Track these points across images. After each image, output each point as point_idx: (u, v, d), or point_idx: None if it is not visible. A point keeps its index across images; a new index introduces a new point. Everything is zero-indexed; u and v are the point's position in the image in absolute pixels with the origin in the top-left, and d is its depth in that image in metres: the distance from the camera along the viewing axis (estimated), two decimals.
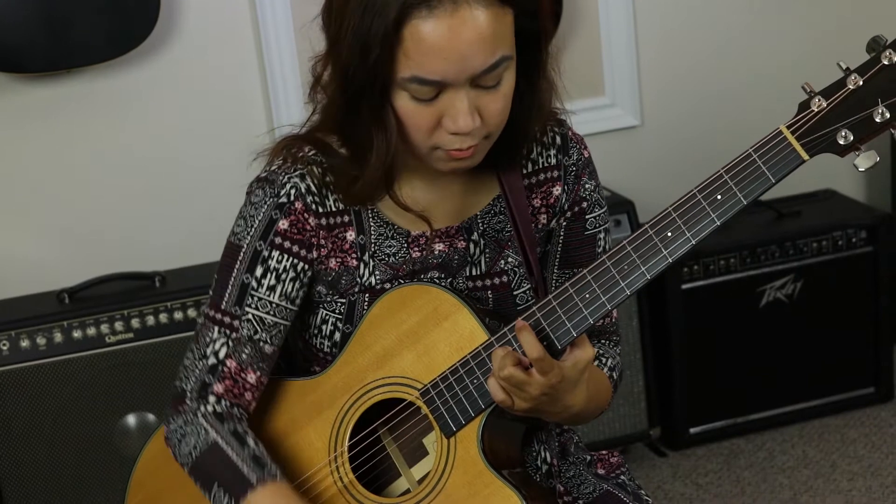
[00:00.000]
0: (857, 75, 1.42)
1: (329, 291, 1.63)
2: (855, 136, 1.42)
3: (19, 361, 2.68)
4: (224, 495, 1.57)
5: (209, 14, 2.96)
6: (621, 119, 3.29)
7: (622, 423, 3.07)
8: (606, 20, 3.21)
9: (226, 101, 3.02)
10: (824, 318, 3.15)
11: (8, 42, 2.70)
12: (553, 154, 1.67)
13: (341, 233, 1.61)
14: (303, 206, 1.59)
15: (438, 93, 1.47)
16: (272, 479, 1.56)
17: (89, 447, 2.74)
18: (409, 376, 1.58)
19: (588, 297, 1.50)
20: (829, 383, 3.21)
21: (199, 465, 1.59)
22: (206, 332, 1.61)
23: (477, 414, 1.55)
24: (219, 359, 1.60)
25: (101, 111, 2.94)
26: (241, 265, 1.60)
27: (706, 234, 1.47)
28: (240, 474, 1.56)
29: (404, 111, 1.49)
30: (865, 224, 3.15)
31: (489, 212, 1.66)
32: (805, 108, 1.44)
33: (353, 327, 1.62)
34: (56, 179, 2.96)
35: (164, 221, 3.01)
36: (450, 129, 1.48)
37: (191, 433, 1.60)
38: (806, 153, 1.44)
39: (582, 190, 1.68)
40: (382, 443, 1.61)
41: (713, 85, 3.37)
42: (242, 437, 1.59)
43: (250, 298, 1.59)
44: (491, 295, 1.66)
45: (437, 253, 1.64)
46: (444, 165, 1.54)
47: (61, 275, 2.91)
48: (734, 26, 3.35)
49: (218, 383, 1.60)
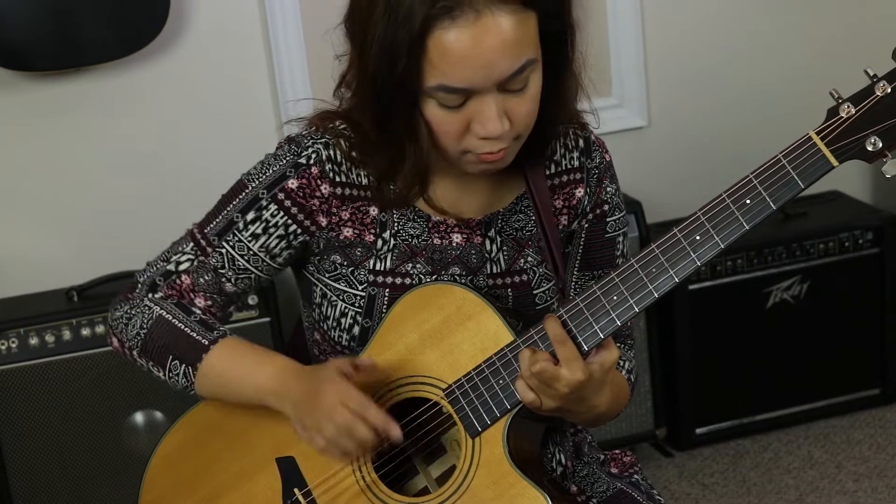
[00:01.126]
0: (885, 82, 1.43)
1: (344, 262, 1.63)
2: (884, 143, 1.43)
3: (28, 359, 2.70)
4: (180, 365, 1.61)
5: (218, 14, 2.97)
6: (628, 120, 3.30)
7: (628, 423, 3.08)
8: (614, 21, 3.22)
9: (234, 101, 3.03)
10: (831, 319, 3.16)
11: (17, 40, 2.72)
12: (576, 157, 1.68)
13: (364, 206, 1.63)
14: (319, 172, 1.61)
15: (466, 99, 1.48)
16: (222, 336, 1.61)
17: (98, 444, 2.75)
18: (432, 376, 1.58)
19: (616, 299, 1.51)
20: (835, 384, 3.21)
21: (148, 341, 1.63)
22: (183, 242, 1.67)
23: (503, 415, 1.55)
24: (177, 269, 1.65)
25: (109, 109, 2.95)
26: (239, 203, 1.63)
27: (735, 239, 1.49)
28: (191, 340, 1.60)
29: (433, 119, 1.50)
30: (872, 225, 3.15)
31: (511, 210, 1.67)
32: (834, 115, 1.45)
33: (373, 322, 1.63)
34: (65, 177, 2.97)
35: (172, 219, 2.99)
36: (479, 135, 1.49)
37: (136, 315, 1.64)
38: (835, 159, 1.45)
39: (604, 193, 1.69)
40: (406, 442, 1.60)
41: (720, 86, 3.37)
42: (187, 307, 1.64)
43: (231, 236, 1.63)
44: (511, 293, 1.66)
45: (455, 245, 1.65)
46: (474, 168, 1.55)
47: (70, 273, 2.92)
48: (742, 28, 3.35)
49: (166, 288, 1.65)
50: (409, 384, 1.59)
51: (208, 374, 1.61)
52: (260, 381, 1.58)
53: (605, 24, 3.22)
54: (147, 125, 2.99)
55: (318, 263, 1.66)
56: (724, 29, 3.34)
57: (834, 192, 3.34)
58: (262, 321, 2.79)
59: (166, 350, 1.62)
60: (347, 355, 1.65)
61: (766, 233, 3.09)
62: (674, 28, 3.30)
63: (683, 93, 3.35)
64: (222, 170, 2.97)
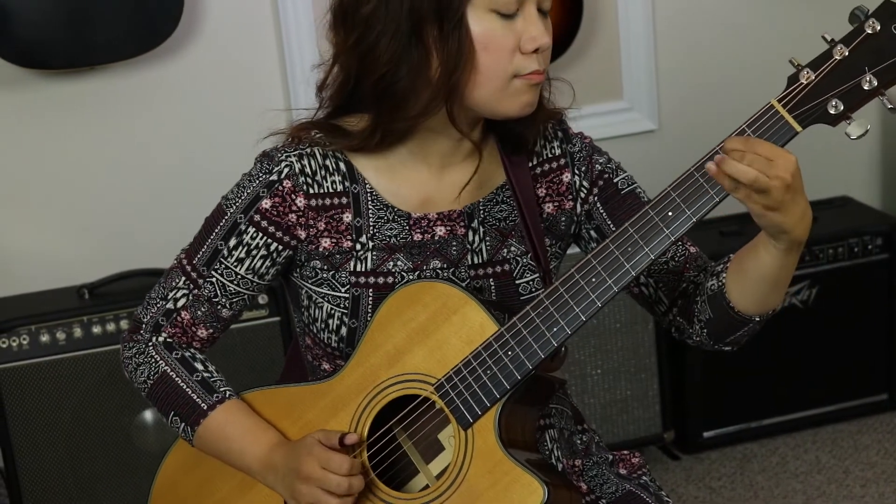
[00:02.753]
0: (842, 45, 1.45)
1: (325, 266, 1.66)
2: (845, 105, 1.44)
3: (39, 356, 2.71)
4: (180, 422, 1.66)
5: (231, 14, 2.99)
6: (639, 123, 3.31)
7: (636, 426, 3.08)
8: (626, 25, 3.23)
9: (247, 100, 3.03)
10: (839, 324, 3.16)
11: (33, 38, 2.73)
12: (557, 145, 1.73)
13: (338, 214, 1.65)
14: (291, 186, 1.63)
15: (517, 9, 1.55)
16: (220, 402, 1.65)
17: (107, 442, 2.76)
18: (422, 372, 1.59)
19: (594, 280, 1.53)
20: (843, 389, 3.21)
21: (152, 394, 1.69)
22: (175, 276, 1.69)
23: (493, 404, 1.56)
24: (176, 307, 1.69)
25: (123, 108, 2.97)
26: (220, 231, 1.66)
27: (706, 211, 1.50)
28: (191, 403, 1.66)
29: (490, 35, 1.55)
30: (881, 231, 3.15)
31: (492, 200, 1.69)
32: (794, 82, 1.47)
33: (359, 322, 1.65)
34: (77, 175, 2.99)
35: (183, 219, 3.01)
36: (529, 47, 1.55)
37: (143, 363, 1.69)
38: (798, 125, 1.46)
39: (597, 166, 1.72)
40: (398, 440, 1.63)
41: (730, 90, 3.38)
42: (190, 362, 1.68)
43: (218, 264, 1.66)
44: (493, 283, 1.68)
45: (437, 238, 1.66)
46: (518, 100, 1.58)
47: (81, 270, 2.93)
48: (752, 33, 3.36)
49: (169, 327, 1.69)
50: (400, 382, 1.61)
51: (204, 437, 1.67)
52: (248, 460, 1.65)
53: (617, 28, 3.23)
54: (159, 124, 3.01)
55: (299, 271, 1.69)
56: (735, 34, 3.35)
57: (843, 198, 3.34)
58: (272, 320, 2.81)
59: (169, 406, 1.68)
60: (338, 357, 1.67)
61: None
62: (685, 32, 3.31)
63: (694, 97, 3.36)
64: (232, 170, 3.01)
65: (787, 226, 1.47)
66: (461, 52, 1.54)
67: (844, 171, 3.37)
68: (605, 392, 3.05)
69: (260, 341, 2.79)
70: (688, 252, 1.70)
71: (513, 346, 1.55)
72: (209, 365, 1.71)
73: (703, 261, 1.71)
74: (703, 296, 1.64)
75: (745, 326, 1.63)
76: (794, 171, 1.43)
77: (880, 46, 1.45)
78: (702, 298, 1.64)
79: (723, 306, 1.61)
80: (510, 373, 1.55)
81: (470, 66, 1.55)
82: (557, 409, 1.77)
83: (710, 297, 1.62)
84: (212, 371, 1.70)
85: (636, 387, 3.07)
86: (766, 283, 1.56)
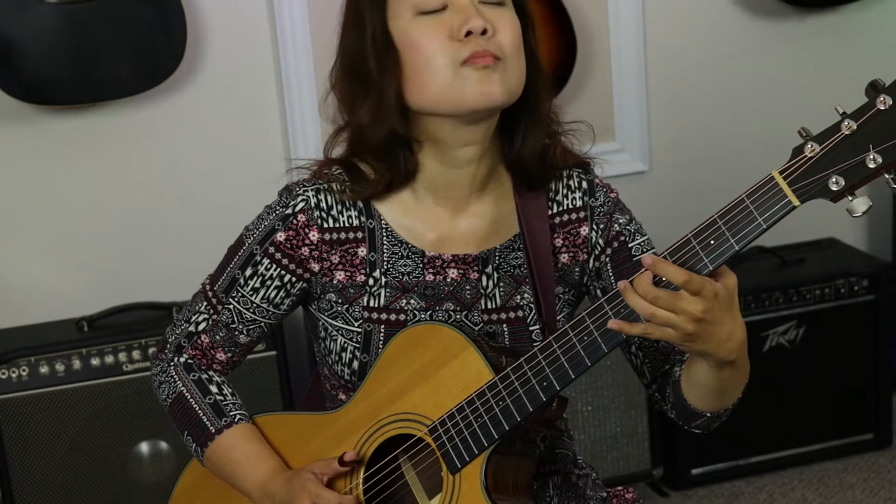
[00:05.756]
0: (851, 120, 1.40)
1: (339, 299, 1.70)
2: (847, 182, 1.39)
3: (38, 387, 2.73)
4: (192, 442, 1.73)
5: (233, 52, 3.02)
6: (630, 164, 3.35)
7: (625, 463, 3.11)
8: (618, 68, 3.28)
9: (246, 138, 3.08)
10: (826, 364, 3.19)
11: (37, 74, 2.76)
12: (579, 196, 1.73)
13: (352, 248, 1.68)
14: (306, 220, 1.67)
15: (445, 5, 1.59)
16: (228, 426, 1.71)
17: (103, 473, 2.78)
18: (419, 412, 1.62)
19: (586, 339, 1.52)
20: (830, 429, 3.24)
21: (170, 412, 1.77)
22: (199, 300, 1.76)
23: (480, 451, 1.58)
24: (197, 330, 1.75)
25: (125, 143, 3.00)
26: (238, 260, 1.72)
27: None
28: (201, 425, 1.72)
29: (417, 34, 1.59)
30: (867, 273, 3.20)
31: (508, 247, 1.71)
32: (798, 153, 1.42)
33: (370, 357, 1.68)
34: (78, 209, 3.01)
35: (183, 253, 3.06)
36: (462, 32, 1.57)
37: (164, 382, 1.77)
38: (797, 199, 1.41)
39: (616, 225, 1.72)
40: (401, 469, 1.65)
41: (721, 133, 3.43)
42: (206, 385, 1.74)
43: (235, 292, 1.72)
44: (507, 329, 1.70)
45: (450, 281, 1.69)
46: (472, 89, 1.58)
47: (81, 303, 2.96)
48: (744, 75, 3.41)
49: (190, 349, 1.76)
50: (399, 421, 1.63)
51: (211, 458, 1.73)
52: (248, 486, 1.70)
53: (609, 70, 3.28)
54: (160, 159, 3.04)
55: (317, 303, 1.73)
56: (726, 76, 3.40)
57: (830, 240, 3.39)
58: (268, 354, 2.84)
59: (183, 426, 1.74)
60: (352, 389, 1.70)
61: (764, 278, 3.14)
62: (676, 75, 3.36)
63: (685, 139, 3.41)
64: (232, 206, 3.04)
65: (707, 350, 1.48)
66: (396, 61, 1.60)
67: (831, 213, 3.39)
68: (595, 428, 3.08)
69: (256, 375, 2.82)
70: None
71: (504, 396, 1.56)
72: (224, 388, 1.75)
73: None
74: (670, 381, 1.66)
75: (699, 419, 1.65)
76: (704, 307, 1.42)
77: (889, 123, 1.38)
78: (670, 383, 1.66)
79: (679, 397, 1.63)
80: (499, 423, 1.56)
81: (407, 69, 1.60)
82: (562, 453, 1.78)
83: (673, 385, 1.65)
84: (226, 394, 1.75)
85: (626, 423, 3.10)
86: (709, 390, 1.58)
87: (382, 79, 1.60)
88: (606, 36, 3.25)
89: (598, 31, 3.24)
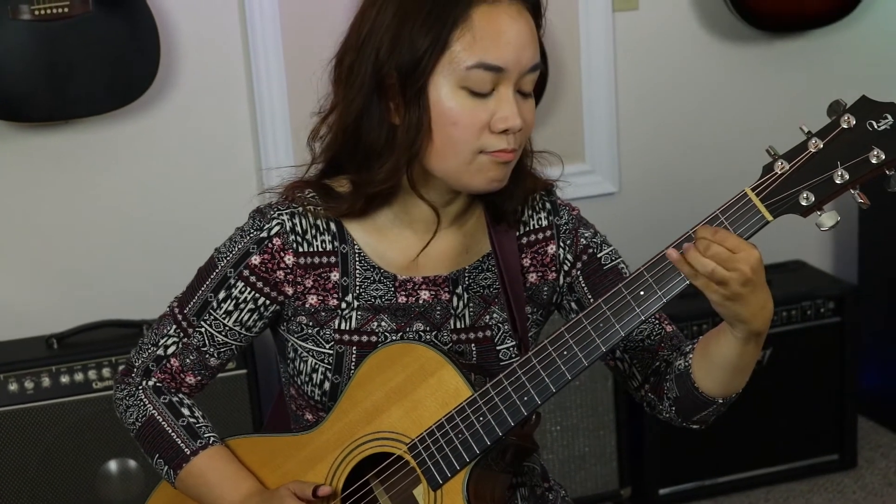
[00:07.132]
0: (817, 139, 1.47)
1: (310, 322, 1.70)
2: (816, 197, 1.46)
3: (7, 405, 2.73)
4: (164, 465, 1.72)
5: (205, 72, 3.03)
6: (600, 185, 3.38)
7: (594, 483, 3.13)
8: (588, 91, 3.31)
9: (217, 158, 3.08)
10: (792, 385, 3.22)
11: (10, 90, 2.76)
12: (544, 216, 1.76)
13: (325, 272, 1.69)
14: (281, 244, 1.67)
15: (493, 88, 1.57)
16: (203, 448, 1.70)
17: (72, 491, 2.77)
18: (397, 431, 1.63)
19: (566, 353, 1.55)
20: (796, 449, 3.27)
21: (139, 436, 1.75)
22: (166, 323, 1.74)
23: (462, 467, 1.60)
24: (166, 354, 1.74)
25: (95, 161, 2.99)
26: (211, 283, 1.71)
27: (676, 293, 1.52)
28: (175, 447, 1.71)
29: (460, 110, 1.57)
30: (833, 295, 3.23)
31: (478, 268, 1.73)
32: (769, 171, 1.48)
33: (342, 378, 1.68)
34: (49, 227, 3.01)
35: (153, 271, 3.05)
36: (499, 127, 1.57)
37: (132, 405, 1.75)
38: (770, 214, 1.47)
39: (582, 240, 1.75)
40: (374, 494, 1.66)
41: (690, 154, 3.47)
42: (177, 407, 1.73)
43: (208, 315, 1.71)
44: (475, 348, 1.71)
45: (422, 302, 1.70)
46: (484, 176, 1.60)
47: (50, 320, 2.95)
48: (712, 99, 3.45)
49: (159, 373, 1.75)
50: (376, 440, 1.64)
51: (186, 480, 1.72)
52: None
53: (580, 91, 3.31)
54: (130, 178, 3.04)
55: (286, 325, 1.73)
56: (696, 98, 3.44)
57: (797, 262, 3.43)
58: (238, 373, 2.84)
59: (154, 449, 1.73)
60: (321, 409, 1.71)
61: None
62: (646, 97, 3.40)
63: (655, 160, 3.44)
64: (203, 224, 3.05)
65: (745, 316, 1.51)
66: (421, 123, 1.58)
67: (799, 236, 3.44)
68: (563, 448, 3.10)
69: (227, 393, 2.83)
70: (664, 331, 1.73)
71: (485, 412, 1.58)
72: (196, 410, 1.75)
73: (679, 340, 1.73)
74: (672, 374, 1.67)
75: (709, 407, 1.66)
76: (754, 265, 1.46)
77: (854, 141, 1.46)
78: (671, 377, 1.67)
79: (688, 386, 1.64)
80: (480, 438, 1.58)
81: (429, 137, 1.58)
82: (529, 466, 1.80)
83: (678, 377, 1.65)
84: (198, 417, 1.74)
85: (594, 443, 3.12)
86: (728, 368, 1.60)
87: (414, 141, 1.58)
88: (578, 57, 3.28)
89: (569, 52, 3.27)
